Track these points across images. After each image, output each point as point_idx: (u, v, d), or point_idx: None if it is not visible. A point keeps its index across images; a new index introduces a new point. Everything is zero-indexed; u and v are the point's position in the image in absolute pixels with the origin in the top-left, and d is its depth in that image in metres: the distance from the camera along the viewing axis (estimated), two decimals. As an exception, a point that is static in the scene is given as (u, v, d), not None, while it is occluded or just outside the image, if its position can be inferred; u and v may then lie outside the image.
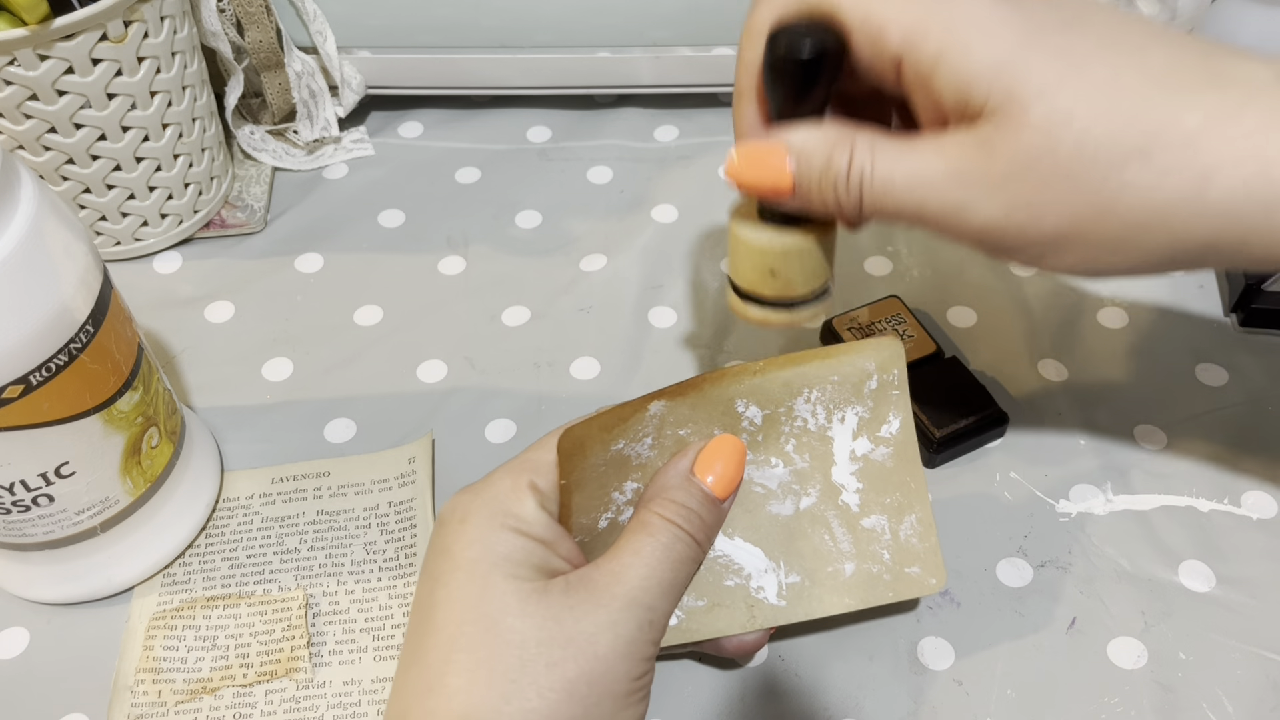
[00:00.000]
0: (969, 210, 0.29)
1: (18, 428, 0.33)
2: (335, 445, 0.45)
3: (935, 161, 0.29)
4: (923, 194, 0.29)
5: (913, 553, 0.34)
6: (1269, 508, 0.42)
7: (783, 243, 0.33)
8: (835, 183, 0.30)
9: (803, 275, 0.34)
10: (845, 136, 0.30)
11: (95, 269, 0.35)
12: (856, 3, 0.30)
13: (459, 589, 0.28)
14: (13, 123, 0.45)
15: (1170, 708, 0.37)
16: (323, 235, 0.54)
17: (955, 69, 0.28)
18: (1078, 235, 0.28)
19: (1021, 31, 0.28)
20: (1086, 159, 0.27)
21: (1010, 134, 0.28)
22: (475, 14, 0.54)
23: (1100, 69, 0.28)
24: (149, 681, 0.37)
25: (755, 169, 0.31)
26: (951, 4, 0.29)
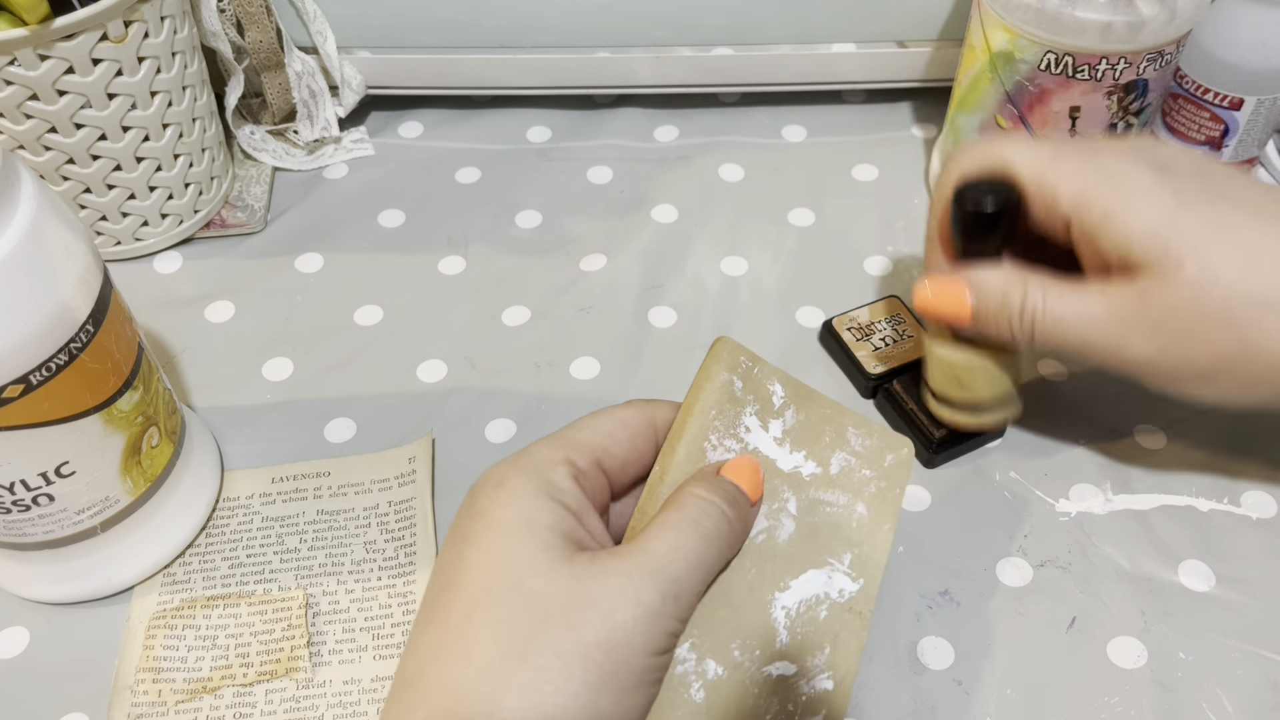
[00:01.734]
0: (1127, 348, 0.35)
1: (18, 427, 0.33)
2: (335, 445, 0.45)
3: (1099, 305, 0.35)
4: (1087, 332, 0.36)
5: (876, 450, 0.34)
6: (1269, 508, 0.42)
7: (968, 360, 0.39)
8: (1010, 317, 0.37)
9: (986, 386, 0.40)
10: (1019, 278, 0.36)
11: (95, 269, 0.35)
12: (1033, 168, 0.36)
13: (488, 549, 0.28)
14: (13, 123, 0.45)
15: (1170, 707, 0.37)
16: (323, 235, 0.54)
17: (1118, 230, 0.34)
18: (1222, 372, 0.35)
19: (1176, 201, 0.34)
20: (1232, 310, 0.33)
21: (1165, 286, 0.34)
22: (475, 14, 0.54)
23: (1245, 234, 0.34)
24: (149, 681, 0.37)
25: (941, 300, 0.38)
26: (1117, 174, 0.35)
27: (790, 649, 0.31)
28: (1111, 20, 0.43)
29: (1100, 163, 0.36)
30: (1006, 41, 0.46)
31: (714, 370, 0.33)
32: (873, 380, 0.45)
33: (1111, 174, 0.35)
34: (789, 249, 0.53)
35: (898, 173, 0.57)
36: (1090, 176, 0.35)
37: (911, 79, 0.57)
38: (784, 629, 0.31)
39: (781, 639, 0.31)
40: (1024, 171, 0.36)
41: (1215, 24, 0.49)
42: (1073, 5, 0.44)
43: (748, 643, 0.31)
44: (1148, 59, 0.45)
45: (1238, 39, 0.49)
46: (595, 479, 0.31)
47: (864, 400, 0.46)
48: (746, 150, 0.58)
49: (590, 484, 0.31)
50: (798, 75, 0.57)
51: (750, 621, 0.31)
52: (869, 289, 0.51)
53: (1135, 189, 0.35)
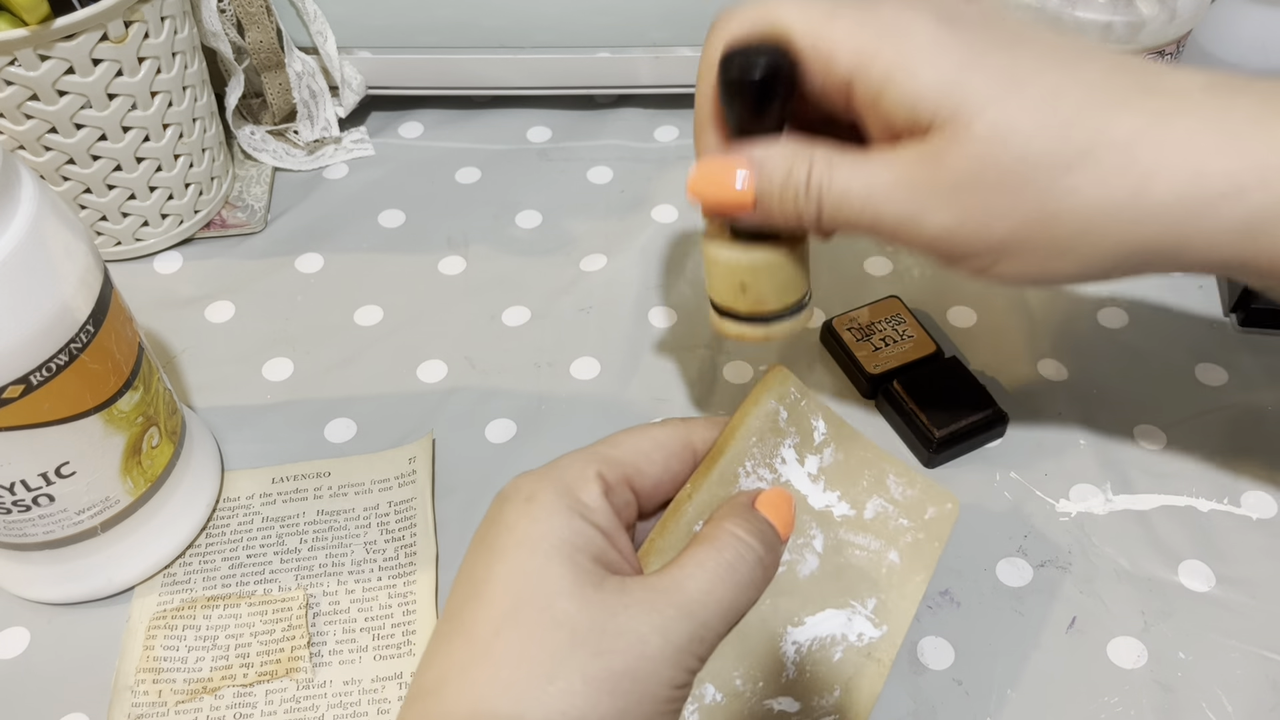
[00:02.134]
0: (922, 218, 0.30)
1: (18, 427, 0.33)
2: (335, 445, 0.45)
3: (888, 173, 0.31)
4: (877, 203, 0.31)
5: (917, 502, 0.34)
6: (1269, 508, 0.42)
7: (751, 258, 0.34)
8: (796, 194, 0.32)
9: (774, 290, 0.35)
10: (803, 150, 0.32)
11: (96, 269, 0.35)
12: (807, 28, 0.31)
13: (519, 566, 0.27)
14: (13, 123, 0.45)
15: (1170, 707, 0.37)
16: (323, 235, 0.54)
17: (903, 89, 0.30)
18: (1024, 241, 0.30)
19: (964, 52, 0.30)
20: (1030, 167, 0.29)
21: (957, 146, 0.29)
22: (475, 14, 0.54)
23: (1039, 84, 0.29)
24: (149, 681, 0.37)
25: (716, 185, 0.33)
26: (897, 28, 0.31)
27: (797, 686, 0.31)
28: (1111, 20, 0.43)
29: (880, 16, 0.31)
30: (1006, 41, 0.46)
31: (763, 397, 0.32)
32: (873, 380, 0.45)
33: (892, 27, 0.31)
34: (789, 249, 0.53)
35: (898, 173, 0.56)
36: (869, 31, 0.31)
37: (911, 79, 0.57)
38: (792, 664, 0.31)
39: (788, 674, 0.31)
40: (797, 32, 0.32)
41: (1215, 24, 0.49)
42: (1073, 5, 0.44)
43: (751, 673, 0.31)
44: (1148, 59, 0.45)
45: (1238, 39, 0.49)
46: (624, 496, 0.30)
47: (864, 400, 0.46)
48: (746, 150, 0.58)
49: (619, 501, 0.30)
50: (798, 75, 0.57)
51: (757, 652, 0.31)
52: (869, 289, 0.51)
53: (919, 41, 0.30)
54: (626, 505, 0.31)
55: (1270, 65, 0.49)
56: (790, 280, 0.35)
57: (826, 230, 0.33)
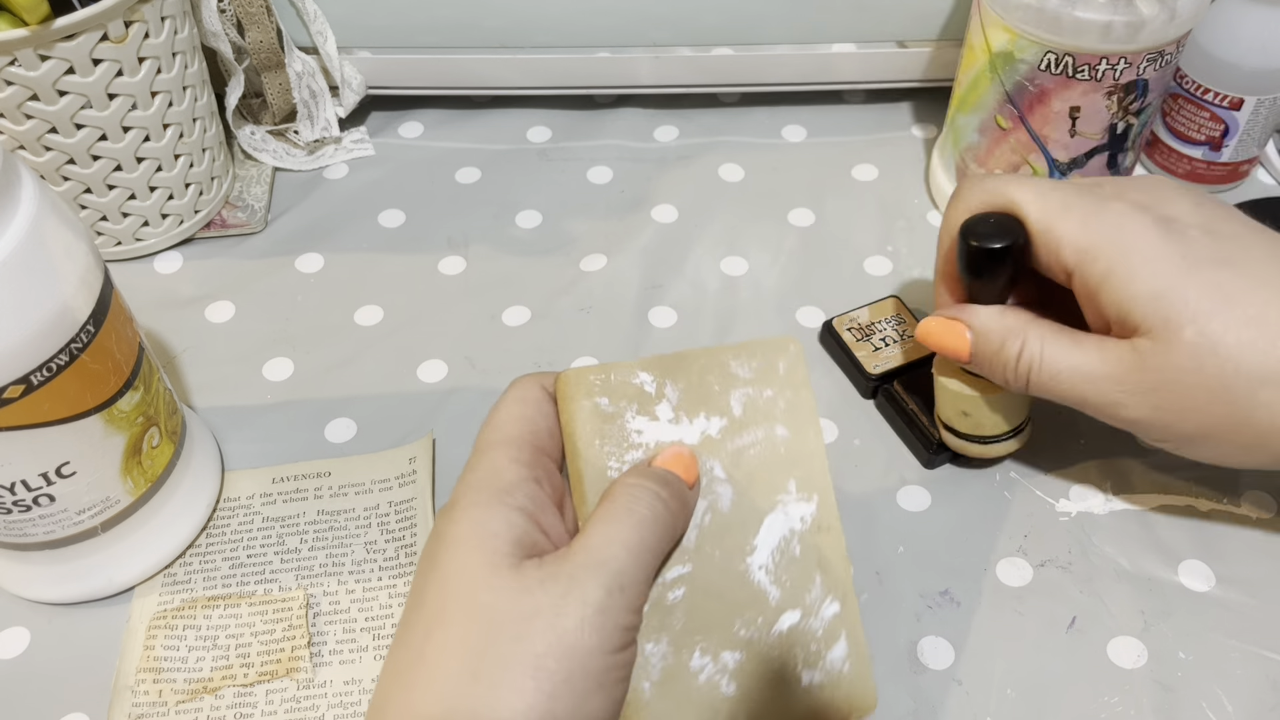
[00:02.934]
0: (1122, 408, 0.35)
1: (18, 428, 0.33)
2: (336, 445, 0.45)
3: (1096, 363, 0.35)
4: (1083, 388, 0.36)
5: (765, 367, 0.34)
6: (1269, 508, 0.42)
7: (971, 393, 0.40)
8: (1005, 365, 0.37)
9: (991, 420, 0.40)
10: (1019, 326, 0.37)
11: (96, 269, 0.35)
12: (1040, 216, 0.36)
13: (445, 568, 0.28)
14: (14, 123, 0.45)
15: (1170, 707, 0.37)
16: (323, 235, 0.54)
17: (1120, 291, 0.34)
18: (1215, 436, 0.35)
19: (1181, 264, 0.34)
20: (1228, 381, 0.33)
21: (1163, 352, 0.34)
22: (475, 14, 0.54)
23: (1248, 303, 0.33)
24: (150, 681, 0.37)
25: (941, 340, 0.38)
26: (1123, 232, 0.34)
27: (786, 598, 0.32)
28: (1111, 20, 0.43)
29: (1107, 216, 0.35)
30: (1006, 41, 0.46)
31: (572, 407, 0.32)
32: (873, 380, 0.45)
33: (1116, 230, 0.35)
34: (789, 249, 0.53)
35: (898, 173, 0.57)
36: (1095, 231, 0.35)
37: (911, 79, 0.57)
38: (772, 585, 0.32)
39: (774, 595, 0.32)
40: (1031, 216, 0.36)
41: (1215, 24, 0.49)
42: (1073, 5, 0.44)
43: (747, 617, 0.31)
44: (1148, 59, 0.45)
45: (1238, 39, 0.49)
46: (542, 465, 0.31)
47: (864, 400, 0.46)
48: (746, 150, 0.58)
49: (540, 472, 0.30)
50: (798, 75, 0.57)
51: (740, 598, 0.31)
52: (869, 289, 0.51)
53: (1139, 249, 0.34)
54: (550, 474, 0.31)
55: (1270, 65, 0.49)
56: (1007, 414, 0.40)
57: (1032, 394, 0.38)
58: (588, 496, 0.31)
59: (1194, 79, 0.51)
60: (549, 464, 0.31)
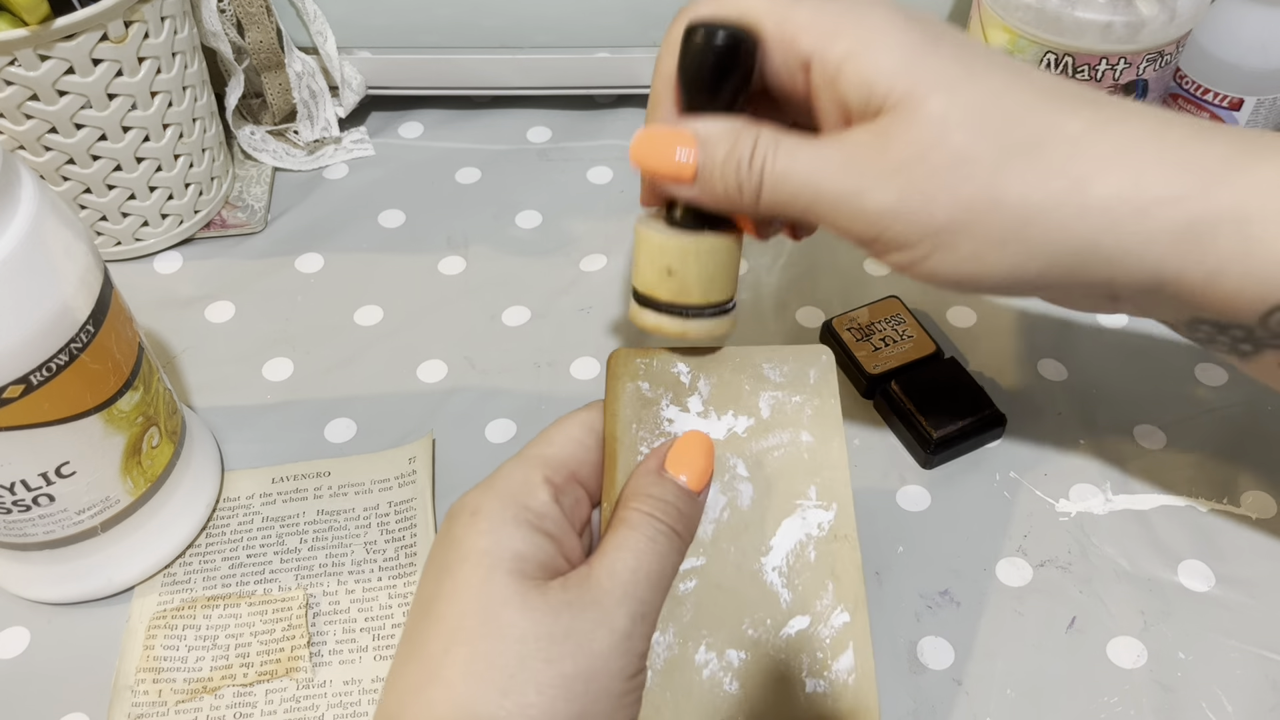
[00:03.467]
0: (863, 196, 0.30)
1: (18, 427, 0.33)
2: (335, 445, 0.45)
3: (834, 151, 0.31)
4: (819, 180, 0.31)
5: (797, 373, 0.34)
6: (1269, 508, 0.42)
7: (681, 242, 0.33)
8: (737, 168, 0.32)
9: (700, 280, 0.34)
10: (750, 127, 0.32)
11: (96, 269, 0.35)
12: (772, 10, 0.32)
13: (464, 580, 0.28)
14: (13, 123, 0.45)
15: (1170, 707, 0.37)
16: (323, 235, 0.54)
17: (861, 68, 0.31)
18: (965, 227, 0.30)
19: (924, 39, 0.31)
20: (977, 152, 0.29)
21: (907, 125, 0.30)
22: (475, 14, 0.54)
23: (991, 78, 0.30)
24: (149, 681, 0.37)
25: (659, 153, 0.32)
26: (861, 12, 0.31)
27: (797, 603, 0.32)
28: (1111, 20, 0.43)
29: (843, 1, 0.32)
30: (1006, 41, 0.46)
31: (618, 386, 0.33)
32: (873, 380, 0.45)
33: (855, 10, 0.31)
34: (789, 249, 0.53)
35: (898, 173, 0.56)
36: (832, 13, 0.31)
37: (911, 79, 0.57)
38: (784, 588, 0.32)
39: (785, 598, 0.32)
40: (763, 13, 0.32)
41: (1215, 24, 0.49)
42: (1073, 6, 0.44)
43: (756, 616, 0.31)
44: (1148, 59, 0.45)
45: (1238, 39, 0.49)
46: (573, 493, 0.31)
47: (864, 400, 0.46)
48: (746, 150, 0.58)
49: (569, 501, 0.31)
50: (798, 75, 0.57)
51: (750, 597, 0.32)
52: (869, 289, 0.51)
53: (880, 25, 0.31)
54: (577, 503, 0.31)
55: (1270, 65, 0.49)
56: (718, 274, 0.34)
57: (764, 211, 0.32)
58: (618, 479, 0.32)
59: (1194, 79, 0.51)
60: (580, 493, 0.31)
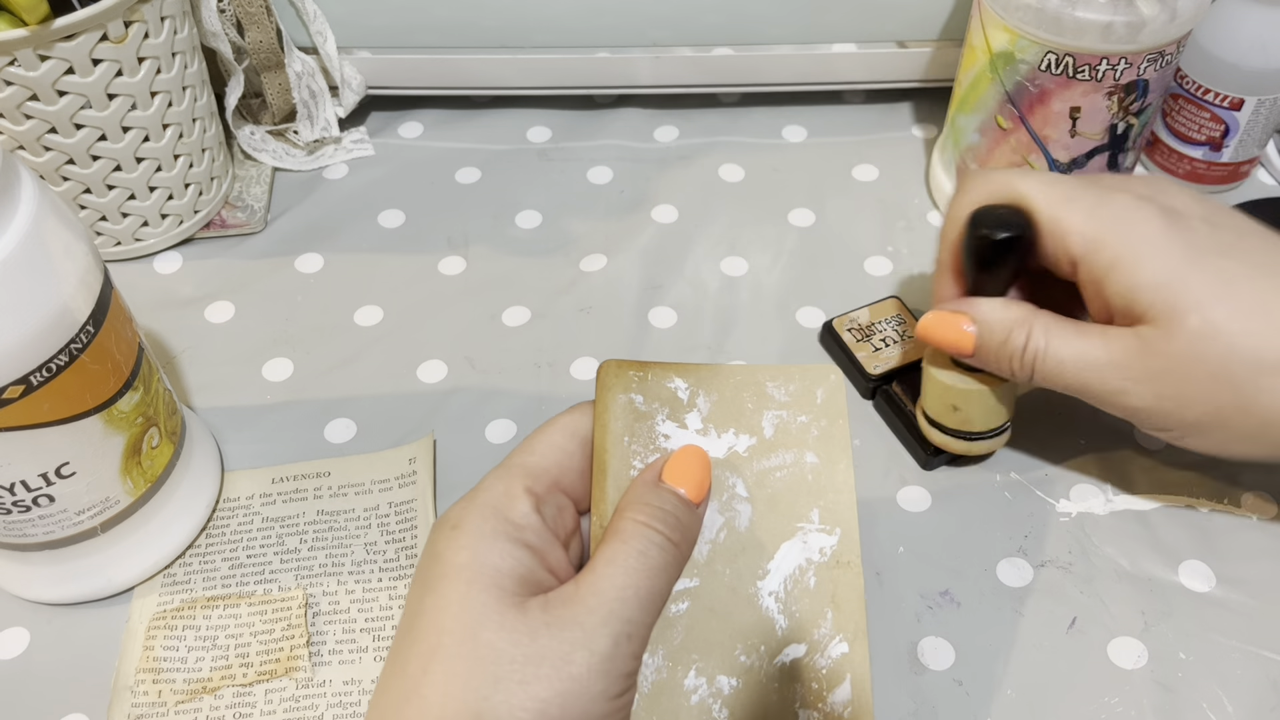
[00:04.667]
0: (1126, 395, 0.35)
1: (18, 428, 0.33)
2: (335, 445, 0.45)
3: (1101, 351, 0.36)
4: (1087, 376, 0.36)
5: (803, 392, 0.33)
6: (1269, 508, 0.42)
7: (965, 387, 0.39)
8: (1011, 356, 0.37)
9: (981, 415, 0.40)
10: (1025, 318, 0.37)
11: (95, 269, 0.35)
12: (1047, 206, 0.36)
13: (443, 596, 0.27)
14: (13, 123, 0.45)
15: (1170, 708, 0.37)
16: (323, 235, 0.54)
17: (1125, 279, 0.35)
18: (1218, 425, 0.35)
19: (1185, 253, 0.34)
20: (1231, 367, 0.34)
21: (1168, 338, 0.34)
22: (475, 14, 0.54)
23: (1251, 291, 0.34)
24: (149, 681, 0.37)
25: (944, 333, 0.38)
26: (1127, 220, 0.35)
27: (793, 630, 0.31)
28: (1112, 20, 0.43)
29: (1112, 206, 0.36)
30: (1007, 42, 0.46)
31: (609, 397, 0.32)
32: (873, 380, 0.45)
33: (1122, 220, 0.35)
34: (789, 249, 0.53)
35: (898, 173, 0.57)
36: (1101, 221, 0.35)
37: (911, 79, 0.57)
38: (780, 614, 0.31)
39: (781, 625, 0.31)
40: (1038, 207, 0.36)
41: (1215, 24, 0.49)
42: (1073, 5, 0.44)
43: (750, 643, 0.30)
44: (1148, 59, 0.45)
45: (1238, 39, 0.49)
46: (556, 502, 0.30)
47: (864, 400, 0.46)
48: (746, 150, 0.58)
49: (552, 510, 0.30)
50: (798, 75, 0.57)
51: (744, 622, 0.31)
52: (869, 289, 0.51)
53: (1144, 238, 0.35)
54: (561, 511, 0.31)
55: (1270, 65, 0.49)
56: (995, 409, 0.40)
57: (1036, 385, 0.38)
58: (608, 492, 0.30)
59: (1194, 79, 0.51)
60: (564, 501, 0.31)
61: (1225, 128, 0.51)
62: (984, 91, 0.49)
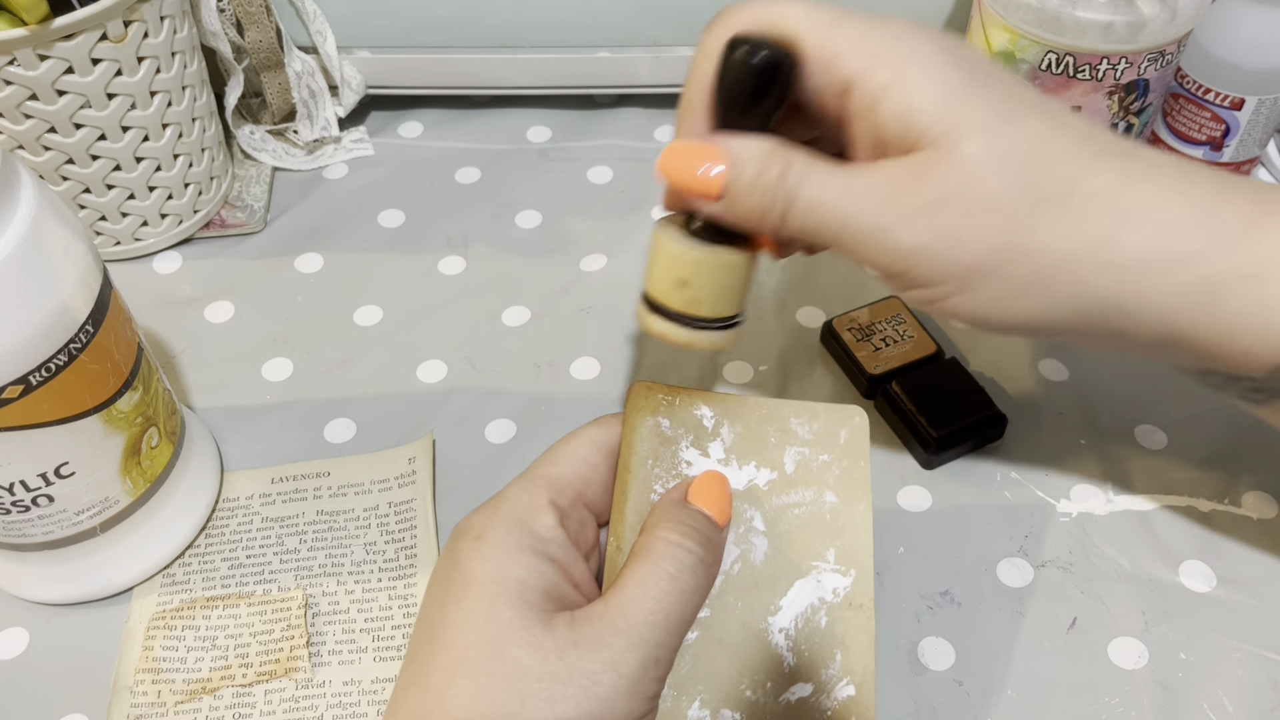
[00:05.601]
0: (893, 232, 0.30)
1: (17, 428, 0.33)
2: (335, 445, 0.45)
3: (866, 182, 0.30)
4: (849, 211, 0.30)
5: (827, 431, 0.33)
6: (1269, 508, 0.42)
7: (698, 254, 0.32)
8: (765, 189, 0.31)
9: (712, 294, 0.33)
10: (782, 149, 0.31)
11: (95, 269, 0.35)
12: (814, 29, 0.32)
13: (468, 608, 0.27)
14: (13, 123, 0.45)
15: (1170, 708, 0.37)
16: (323, 235, 0.54)
17: (901, 101, 0.30)
18: (992, 271, 0.30)
19: (965, 78, 0.30)
20: (1010, 196, 0.29)
21: (943, 164, 0.29)
22: (475, 14, 0.54)
23: (1029, 123, 0.30)
24: (149, 682, 0.37)
25: (687, 168, 0.32)
26: (905, 42, 0.31)
27: (800, 669, 0.31)
28: (1112, 20, 0.43)
29: (888, 28, 0.31)
30: (1007, 41, 0.46)
31: (637, 419, 0.31)
32: (873, 380, 0.45)
33: (899, 39, 0.31)
34: (789, 249, 0.53)
35: (898, 173, 0.56)
36: (875, 40, 0.31)
37: (912, 79, 0.57)
38: (789, 652, 0.31)
39: (789, 662, 0.31)
40: (804, 31, 0.31)
41: (1216, 24, 0.49)
42: (1073, 5, 0.44)
43: (756, 678, 0.30)
44: (1148, 59, 0.45)
45: (1238, 39, 0.49)
46: (579, 515, 0.30)
47: (864, 400, 0.46)
48: (746, 150, 0.58)
49: (575, 523, 0.30)
50: (798, 75, 0.57)
51: (753, 657, 0.30)
52: (869, 289, 0.50)
53: (923, 58, 0.30)
54: (583, 525, 0.30)
55: (1270, 65, 0.49)
56: (731, 289, 0.33)
57: (789, 234, 0.32)
58: (627, 513, 0.30)
59: (1195, 79, 0.51)
60: (586, 515, 0.31)
61: (1226, 127, 0.51)
62: (984, 91, 0.48)
